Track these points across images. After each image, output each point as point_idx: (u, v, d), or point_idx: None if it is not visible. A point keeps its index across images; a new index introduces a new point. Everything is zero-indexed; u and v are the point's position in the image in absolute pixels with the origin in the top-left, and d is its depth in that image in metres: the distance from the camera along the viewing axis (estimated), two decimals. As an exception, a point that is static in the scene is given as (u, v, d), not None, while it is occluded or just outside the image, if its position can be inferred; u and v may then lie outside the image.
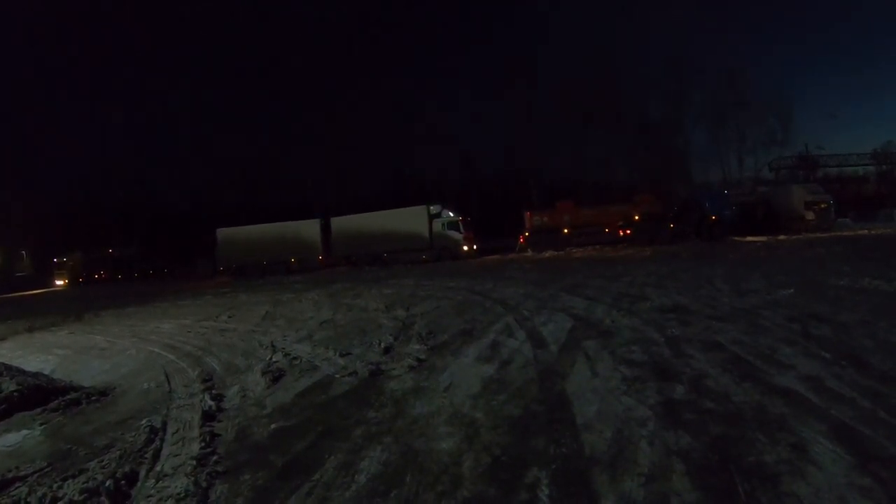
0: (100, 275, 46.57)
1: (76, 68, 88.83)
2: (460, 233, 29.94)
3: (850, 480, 3.09)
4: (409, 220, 30.69)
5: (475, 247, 30.90)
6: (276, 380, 6.57)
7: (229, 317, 13.07)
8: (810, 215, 27.35)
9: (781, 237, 25.04)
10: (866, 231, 25.79)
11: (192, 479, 3.91)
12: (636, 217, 28.27)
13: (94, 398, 6.68)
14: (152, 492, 3.83)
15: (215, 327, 11.63)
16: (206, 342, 9.88)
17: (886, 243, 18.77)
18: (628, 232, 28.16)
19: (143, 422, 5.38)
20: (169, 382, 7.10)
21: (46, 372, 8.28)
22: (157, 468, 4.22)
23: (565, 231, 29.33)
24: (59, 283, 46.03)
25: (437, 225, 30.23)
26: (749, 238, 25.34)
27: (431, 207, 30.52)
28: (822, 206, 27.92)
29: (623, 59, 63.14)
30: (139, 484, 3.99)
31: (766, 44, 75.98)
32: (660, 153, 43.59)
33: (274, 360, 7.65)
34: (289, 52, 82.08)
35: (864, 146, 56.80)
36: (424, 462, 3.86)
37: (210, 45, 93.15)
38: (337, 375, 6.48)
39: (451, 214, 30.50)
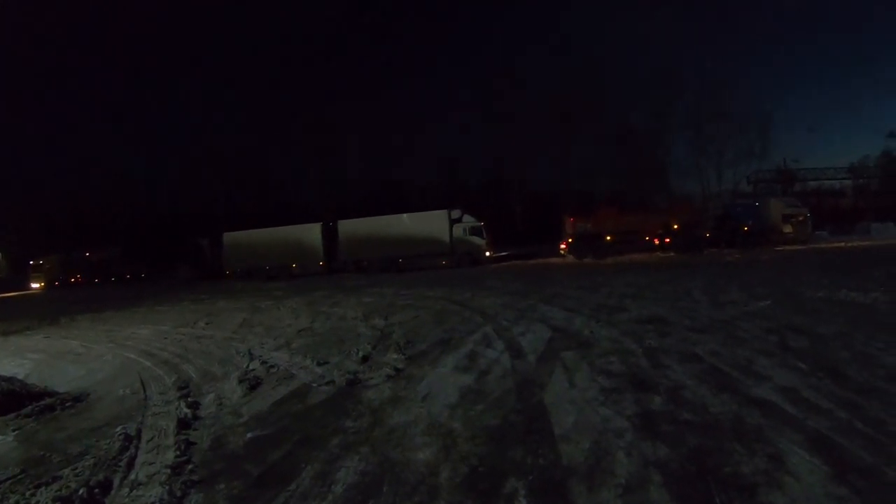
0: (76, 278, 45.75)
1: (62, 70, 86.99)
2: (483, 238, 29.47)
3: (828, 491, 3.13)
4: (429, 224, 29.71)
5: (492, 252, 30.52)
6: (252, 388, 6.50)
7: (207, 323, 12.91)
8: (788, 228, 27.67)
9: (758, 249, 25.39)
10: (843, 244, 26.24)
11: (167, 487, 3.86)
12: (675, 226, 28.15)
13: (68, 404, 6.59)
14: (126, 500, 3.77)
15: (193, 334, 11.48)
16: (183, 349, 9.75)
17: (863, 256, 19.10)
18: (667, 240, 27.96)
19: (118, 429, 5.30)
20: (144, 389, 6.99)
21: (20, 377, 8.12)
22: (132, 476, 4.15)
23: (607, 238, 28.88)
24: (35, 285, 45.09)
25: (457, 230, 29.31)
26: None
27: (452, 212, 29.96)
28: (800, 219, 28.28)
29: (607, 69, 63.90)
30: (113, 492, 3.93)
31: (746, 57, 77.25)
32: (641, 163, 43.92)
33: (251, 368, 7.58)
34: (280, 58, 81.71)
35: (842, 160, 57.83)
36: (401, 472, 3.84)
37: (201, 50, 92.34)
38: (314, 384, 6.42)
39: (472, 219, 30.02)
